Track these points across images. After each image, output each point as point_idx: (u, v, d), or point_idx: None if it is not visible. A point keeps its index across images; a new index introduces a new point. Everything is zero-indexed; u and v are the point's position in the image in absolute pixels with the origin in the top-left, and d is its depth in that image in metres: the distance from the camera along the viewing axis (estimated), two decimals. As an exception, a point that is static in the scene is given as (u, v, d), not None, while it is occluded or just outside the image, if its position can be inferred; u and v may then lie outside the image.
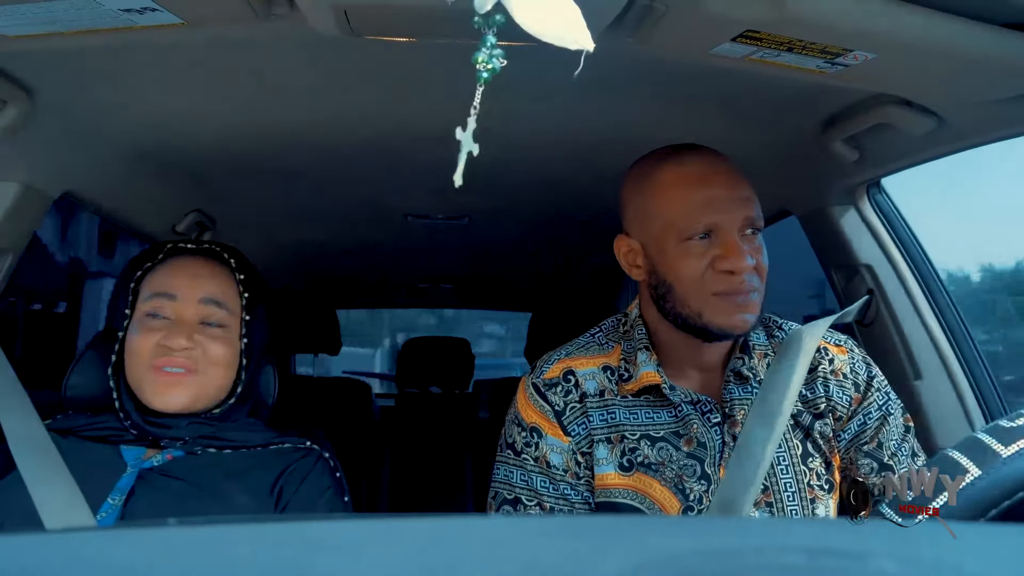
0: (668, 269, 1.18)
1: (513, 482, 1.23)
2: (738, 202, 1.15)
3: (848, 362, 1.26)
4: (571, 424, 1.22)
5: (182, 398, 1.22)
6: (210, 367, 1.25)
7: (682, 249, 1.16)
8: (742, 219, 1.15)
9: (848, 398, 1.23)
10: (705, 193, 1.15)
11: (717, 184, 1.15)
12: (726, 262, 1.13)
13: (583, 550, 0.36)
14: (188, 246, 1.33)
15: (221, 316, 1.27)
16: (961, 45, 0.95)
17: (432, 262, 3.14)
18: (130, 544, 0.37)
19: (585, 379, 1.24)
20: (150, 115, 1.46)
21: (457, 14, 0.68)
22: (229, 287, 1.30)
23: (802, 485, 1.20)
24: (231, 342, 1.28)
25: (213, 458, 1.26)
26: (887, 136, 1.36)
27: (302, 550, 0.35)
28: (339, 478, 1.32)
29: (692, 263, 1.15)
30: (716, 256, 1.14)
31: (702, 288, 1.15)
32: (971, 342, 1.66)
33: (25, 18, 0.93)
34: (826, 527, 0.55)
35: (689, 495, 1.17)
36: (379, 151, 1.71)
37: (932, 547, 0.41)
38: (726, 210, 1.14)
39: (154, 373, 1.22)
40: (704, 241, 1.15)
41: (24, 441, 1.16)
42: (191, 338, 1.23)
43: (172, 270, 1.28)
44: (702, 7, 0.91)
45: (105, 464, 1.22)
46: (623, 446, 1.20)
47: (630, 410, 1.22)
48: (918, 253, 1.69)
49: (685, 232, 1.15)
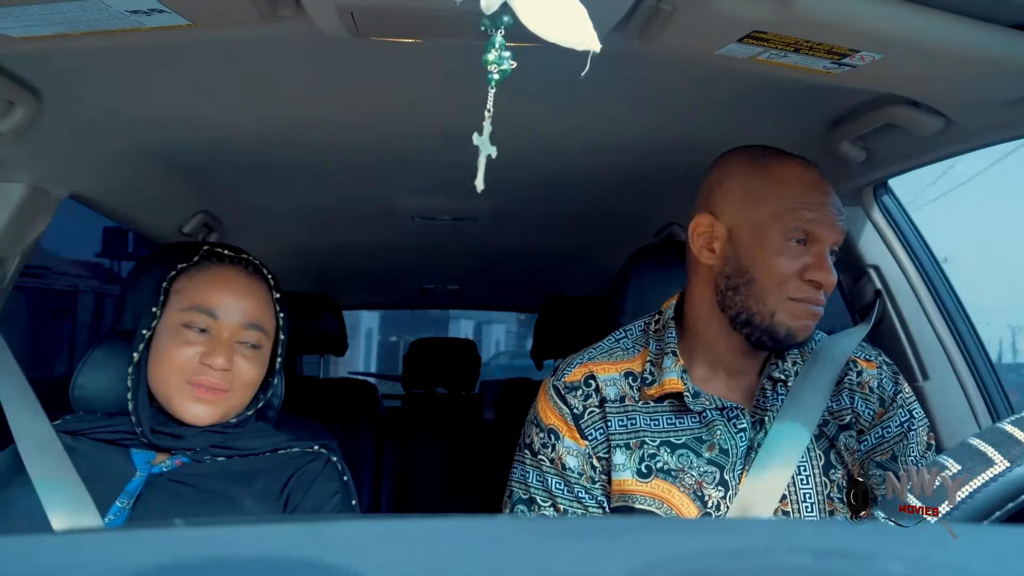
0: (757, 260, 1.16)
1: (529, 482, 1.23)
2: (838, 221, 1.16)
3: (876, 376, 1.25)
4: (588, 428, 1.21)
5: (213, 415, 1.22)
6: (242, 387, 1.24)
7: (782, 246, 1.15)
8: (836, 238, 1.16)
9: (872, 412, 1.23)
10: (820, 200, 1.16)
11: (828, 197, 1.17)
12: (817, 273, 1.14)
13: (590, 551, 0.36)
14: (225, 252, 1.30)
15: (259, 338, 1.26)
16: (969, 46, 0.95)
17: (439, 263, 3.14)
18: (137, 545, 0.37)
19: (606, 385, 1.23)
20: (156, 116, 1.46)
21: (464, 15, 0.68)
22: (268, 307, 1.28)
23: (822, 497, 1.18)
24: (264, 362, 1.28)
25: (222, 464, 1.26)
26: (894, 137, 1.35)
27: (309, 551, 0.35)
28: (347, 482, 1.32)
29: (786, 262, 1.15)
30: (807, 264, 1.14)
31: (783, 289, 1.15)
32: (978, 342, 1.66)
33: (32, 19, 0.94)
34: (832, 528, 0.55)
35: (707, 502, 1.16)
36: (386, 152, 1.72)
37: (939, 548, 0.41)
38: (830, 225, 1.15)
39: (189, 387, 1.20)
40: (800, 246, 1.15)
41: (32, 442, 1.17)
42: (230, 358, 1.21)
43: (215, 283, 1.25)
44: (709, 7, 0.90)
45: (114, 467, 1.22)
46: (642, 452, 1.19)
47: (651, 416, 1.21)
48: (925, 254, 1.68)
49: (790, 230, 1.15)
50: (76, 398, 1.31)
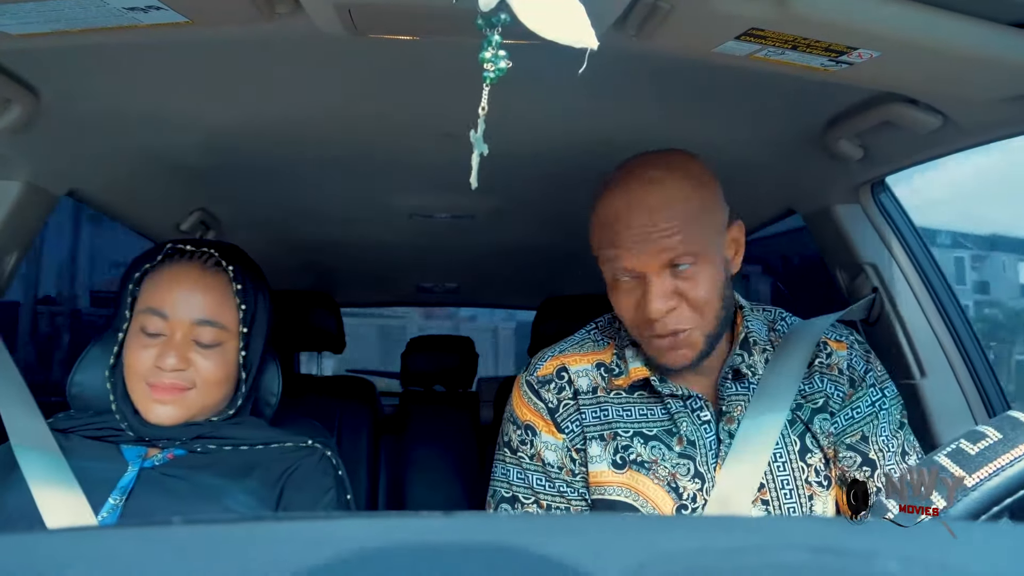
0: (613, 301, 1.19)
1: (511, 480, 1.23)
2: (653, 241, 1.10)
3: (845, 358, 1.25)
4: (564, 421, 1.22)
5: (174, 415, 1.21)
6: (204, 385, 1.23)
7: (614, 285, 1.16)
8: (658, 259, 1.11)
9: (842, 393, 1.22)
10: (618, 232, 1.12)
11: (631, 222, 1.11)
12: (647, 309, 1.11)
13: (585, 548, 0.36)
14: (187, 248, 1.28)
15: (214, 335, 1.23)
16: (967, 44, 0.95)
17: (437, 261, 3.14)
18: (131, 543, 0.37)
19: (578, 376, 1.24)
20: (154, 114, 1.46)
21: (462, 12, 0.68)
22: (224, 302, 1.25)
23: (799, 482, 1.18)
24: (227, 359, 1.25)
25: (214, 457, 1.25)
26: (892, 134, 1.35)
27: (304, 548, 0.35)
28: (341, 476, 1.32)
29: (620, 301, 1.16)
30: (638, 298, 1.13)
31: (638, 329, 1.16)
32: (975, 340, 1.66)
33: (29, 16, 0.93)
34: (827, 526, 0.55)
35: (683, 493, 1.17)
36: (384, 150, 1.71)
37: (938, 547, 0.41)
38: (637, 253, 1.11)
39: (147, 389, 1.20)
40: (629, 280, 1.14)
41: (27, 440, 1.17)
42: (183, 358, 1.20)
43: (165, 282, 1.24)
44: (707, 5, 0.90)
45: (106, 463, 1.22)
46: (616, 443, 1.19)
47: (623, 407, 1.22)
48: (922, 251, 1.68)
49: (611, 271, 1.15)
50: (73, 396, 1.32)
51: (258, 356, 1.32)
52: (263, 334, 1.32)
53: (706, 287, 1.12)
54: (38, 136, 1.37)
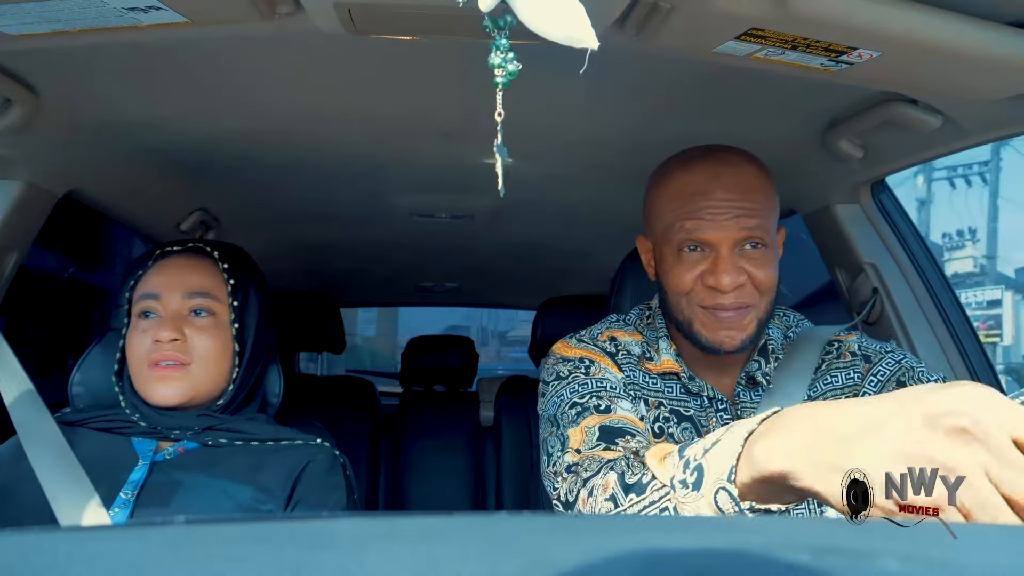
0: (664, 274, 1.19)
1: (564, 400, 1.15)
2: (734, 216, 1.12)
3: (856, 341, 1.25)
4: (624, 365, 1.23)
5: (176, 391, 1.23)
6: (202, 359, 1.26)
7: (676, 258, 1.16)
8: (736, 234, 1.13)
9: (859, 373, 1.22)
10: (699, 205, 1.13)
11: (715, 196, 1.13)
12: (712, 277, 1.13)
13: (589, 548, 0.36)
14: (174, 248, 1.34)
15: (206, 303, 1.28)
16: (967, 44, 0.95)
17: (437, 261, 3.14)
18: (141, 542, 0.37)
19: (629, 345, 1.26)
20: (154, 114, 1.46)
21: (461, 12, 0.68)
22: (213, 277, 1.31)
23: None
24: (222, 332, 1.29)
25: (225, 451, 1.26)
26: (892, 134, 1.35)
27: (310, 548, 0.35)
28: (349, 475, 1.33)
29: (682, 273, 1.16)
30: (704, 271, 1.14)
31: (689, 297, 1.16)
32: (975, 340, 1.66)
33: (29, 17, 0.93)
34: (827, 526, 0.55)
35: None
36: (384, 150, 1.71)
37: (938, 547, 0.41)
38: (717, 226, 1.12)
39: (149, 368, 1.23)
40: (696, 253, 1.15)
41: (36, 437, 1.17)
42: (179, 330, 1.24)
43: (156, 272, 1.30)
44: (707, 5, 0.90)
45: (117, 456, 1.23)
46: (659, 412, 1.20)
47: (666, 383, 1.23)
48: (922, 251, 1.68)
49: (677, 242, 1.15)
50: (75, 395, 1.33)
51: (254, 338, 1.33)
52: (256, 314, 1.35)
53: (769, 271, 1.16)
54: (38, 136, 1.37)
